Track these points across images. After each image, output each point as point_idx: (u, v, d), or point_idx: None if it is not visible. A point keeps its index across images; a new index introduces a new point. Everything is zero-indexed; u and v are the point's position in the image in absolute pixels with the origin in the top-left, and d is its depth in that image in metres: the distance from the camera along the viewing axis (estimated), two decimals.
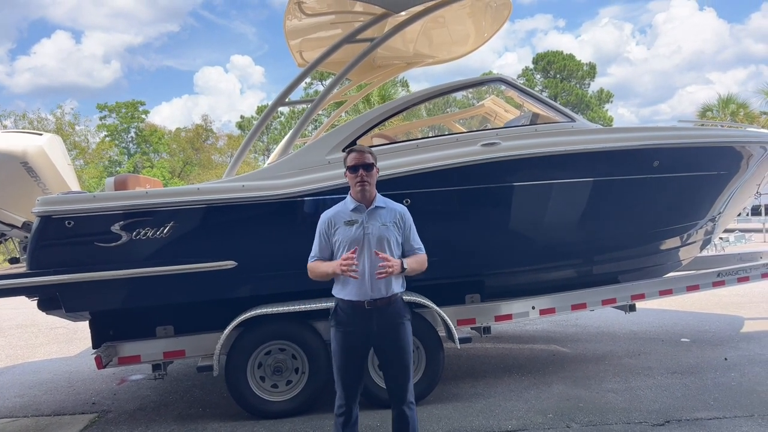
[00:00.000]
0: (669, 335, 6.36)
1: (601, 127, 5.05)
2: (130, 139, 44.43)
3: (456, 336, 4.35)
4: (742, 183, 5.69)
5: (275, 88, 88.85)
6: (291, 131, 4.54)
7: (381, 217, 2.98)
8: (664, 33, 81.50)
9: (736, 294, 8.47)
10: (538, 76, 49.57)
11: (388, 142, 4.85)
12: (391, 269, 2.78)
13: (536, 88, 45.92)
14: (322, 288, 4.45)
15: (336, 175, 4.27)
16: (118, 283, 4.13)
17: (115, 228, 4.05)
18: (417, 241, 3.08)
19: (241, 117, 51.58)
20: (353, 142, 4.42)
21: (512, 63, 66.37)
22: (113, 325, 4.50)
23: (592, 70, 49.63)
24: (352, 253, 2.83)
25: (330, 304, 4.15)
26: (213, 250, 4.21)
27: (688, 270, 6.34)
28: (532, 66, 50.14)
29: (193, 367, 4.97)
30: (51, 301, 4.24)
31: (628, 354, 5.64)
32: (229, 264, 4.21)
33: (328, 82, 4.72)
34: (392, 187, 4.30)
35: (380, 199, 3.04)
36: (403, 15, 4.68)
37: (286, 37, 5.62)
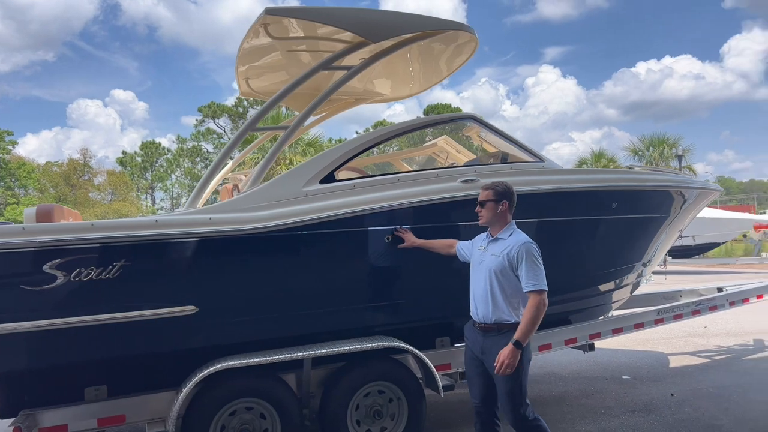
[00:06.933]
0: (610, 373, 6.54)
1: (568, 168, 5.18)
2: None
3: (440, 383, 4.06)
4: (672, 225, 6.10)
5: (160, 125, 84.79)
6: (263, 161, 4.12)
7: (496, 247, 3.35)
8: (533, 95, 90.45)
9: (649, 330, 8.99)
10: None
11: (360, 175, 4.57)
12: (504, 367, 3.12)
13: (427, 139, 48.00)
14: (296, 336, 4.03)
15: (314, 209, 3.90)
16: (47, 335, 3.39)
17: (49, 267, 3.33)
18: (529, 276, 3.15)
19: (123, 153, 48.36)
20: (330, 174, 4.09)
21: (400, 113, 69.21)
22: (28, 387, 3.66)
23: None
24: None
25: (304, 353, 3.75)
26: (170, 294, 3.62)
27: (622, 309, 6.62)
28: (422, 115, 52.59)
29: None
30: None
31: (583, 394, 5.67)
32: (189, 309, 3.63)
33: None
34: (374, 222, 4.04)
35: (506, 231, 3.38)
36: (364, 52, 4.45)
37: (238, 62, 5.20)
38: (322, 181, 4.05)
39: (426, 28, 4.46)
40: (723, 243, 21.38)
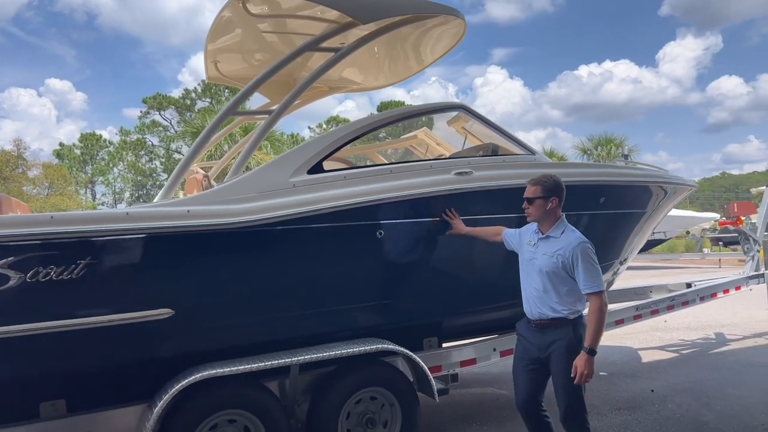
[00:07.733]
0: None
1: (557, 161, 5.05)
2: None
3: (434, 387, 3.83)
4: (649, 221, 6.10)
5: (100, 117, 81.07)
6: (245, 148, 3.76)
7: (548, 246, 3.17)
8: (481, 95, 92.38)
9: None
10: None
11: (347, 166, 4.27)
12: (584, 378, 3.01)
13: (380, 135, 47.91)
14: (282, 339, 3.70)
15: (302, 201, 3.58)
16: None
17: (0, 266, 2.87)
18: (587, 279, 2.97)
19: (61, 145, 45.76)
20: (319, 164, 3.78)
21: (352, 109, 68.29)
22: None
23: (430, 122, 53.38)
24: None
25: (292, 359, 3.45)
26: (142, 296, 3.22)
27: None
28: (376, 112, 52.42)
29: None
30: None
31: None
32: (164, 313, 3.24)
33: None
34: (368, 216, 3.76)
35: (557, 229, 3.19)
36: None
37: (208, 40, 4.80)
38: (309, 171, 3.73)
39: (416, 10, 4.21)
40: (668, 239, 22.25)
